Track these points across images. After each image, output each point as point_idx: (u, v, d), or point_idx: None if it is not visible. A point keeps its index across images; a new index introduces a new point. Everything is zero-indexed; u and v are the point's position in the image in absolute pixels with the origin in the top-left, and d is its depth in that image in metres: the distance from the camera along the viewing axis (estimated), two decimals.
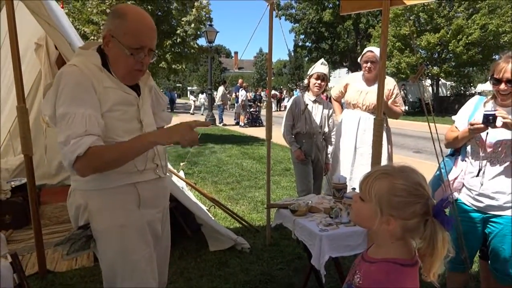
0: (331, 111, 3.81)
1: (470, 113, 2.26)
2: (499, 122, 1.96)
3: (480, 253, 2.44)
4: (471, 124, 2.06)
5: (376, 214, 1.13)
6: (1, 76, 4.08)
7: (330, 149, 3.83)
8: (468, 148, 2.24)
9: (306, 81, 3.82)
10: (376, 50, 3.46)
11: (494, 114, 1.96)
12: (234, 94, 18.69)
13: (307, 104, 3.68)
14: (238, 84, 18.03)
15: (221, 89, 18.03)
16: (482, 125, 2.01)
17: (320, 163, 3.82)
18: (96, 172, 1.48)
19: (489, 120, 1.97)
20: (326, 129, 3.79)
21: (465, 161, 2.26)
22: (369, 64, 3.46)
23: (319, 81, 3.63)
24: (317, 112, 3.72)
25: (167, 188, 1.89)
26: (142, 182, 1.64)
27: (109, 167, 1.49)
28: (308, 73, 3.77)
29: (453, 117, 2.41)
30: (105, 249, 1.60)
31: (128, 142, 1.48)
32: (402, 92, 15.15)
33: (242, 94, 17.08)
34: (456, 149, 2.36)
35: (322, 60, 3.79)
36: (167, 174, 1.88)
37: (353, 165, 3.55)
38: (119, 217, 1.58)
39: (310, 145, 3.71)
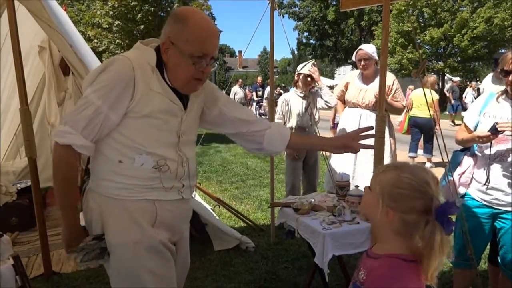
0: (317, 102, 3.83)
1: (480, 109, 2.23)
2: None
3: (489, 255, 2.41)
4: (479, 136, 2.06)
5: (378, 203, 1.13)
6: (5, 79, 4.11)
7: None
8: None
9: (295, 77, 3.88)
10: (367, 47, 3.56)
11: (495, 124, 1.98)
12: (250, 94, 16.98)
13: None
14: (257, 83, 16.25)
15: (235, 88, 15.05)
16: (489, 134, 2.01)
17: (312, 157, 3.88)
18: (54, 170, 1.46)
19: (496, 129, 1.99)
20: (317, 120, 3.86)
21: (475, 155, 2.23)
22: (362, 62, 3.53)
23: (309, 79, 3.71)
24: (304, 106, 3.76)
25: (190, 210, 1.73)
26: (163, 201, 1.50)
27: (54, 183, 1.47)
28: (298, 69, 3.82)
29: (463, 113, 2.38)
30: (117, 266, 1.51)
31: (66, 201, 1.49)
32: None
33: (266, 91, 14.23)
34: None
35: (313, 61, 3.89)
36: (193, 195, 1.75)
37: (355, 163, 3.54)
38: (134, 233, 1.45)
39: None
